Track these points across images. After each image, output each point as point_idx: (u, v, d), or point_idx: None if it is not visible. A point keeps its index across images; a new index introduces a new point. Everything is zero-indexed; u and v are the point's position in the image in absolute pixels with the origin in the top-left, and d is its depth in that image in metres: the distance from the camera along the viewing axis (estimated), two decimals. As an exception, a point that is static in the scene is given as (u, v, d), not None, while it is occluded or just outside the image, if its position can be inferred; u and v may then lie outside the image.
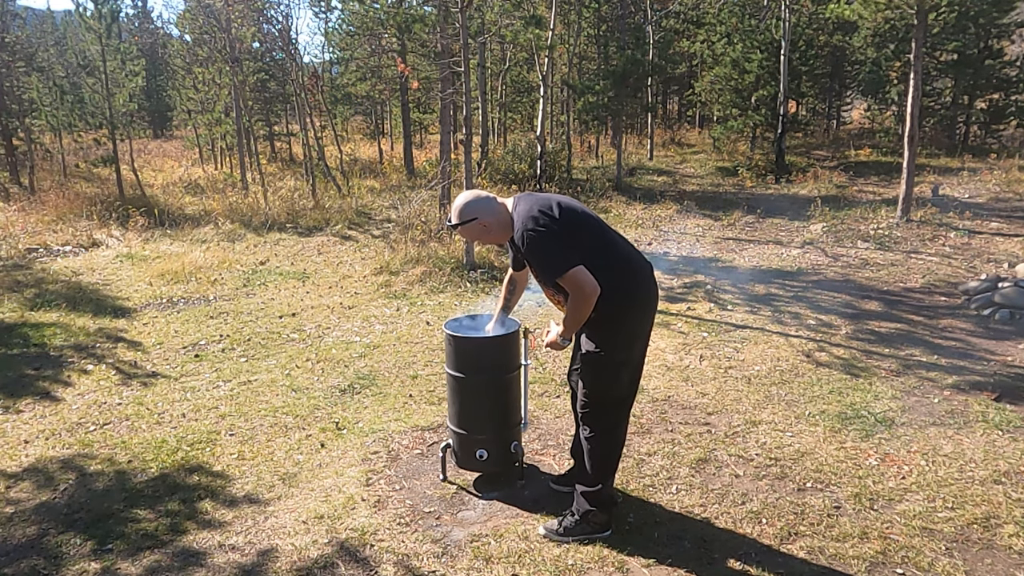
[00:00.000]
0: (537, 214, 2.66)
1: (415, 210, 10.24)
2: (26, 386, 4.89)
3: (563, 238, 2.65)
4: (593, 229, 2.78)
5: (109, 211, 11.07)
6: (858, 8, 9.12)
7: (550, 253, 2.65)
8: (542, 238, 2.64)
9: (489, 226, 2.77)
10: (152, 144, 24.76)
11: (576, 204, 2.82)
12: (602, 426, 2.89)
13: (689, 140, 20.70)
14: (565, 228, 2.67)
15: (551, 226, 2.64)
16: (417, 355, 5.30)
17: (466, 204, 2.77)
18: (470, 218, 2.76)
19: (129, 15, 32.10)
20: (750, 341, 5.44)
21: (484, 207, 2.78)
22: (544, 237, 2.64)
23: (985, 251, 7.94)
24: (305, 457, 3.76)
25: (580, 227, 2.72)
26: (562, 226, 2.66)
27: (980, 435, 3.80)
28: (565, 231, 2.67)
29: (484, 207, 2.78)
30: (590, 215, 2.81)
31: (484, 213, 2.77)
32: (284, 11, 30.28)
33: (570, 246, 2.65)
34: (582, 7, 15.58)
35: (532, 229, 2.63)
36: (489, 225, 2.76)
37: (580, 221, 2.74)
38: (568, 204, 2.76)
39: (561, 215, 2.69)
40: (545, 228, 2.64)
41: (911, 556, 2.78)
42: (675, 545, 2.89)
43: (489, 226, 2.77)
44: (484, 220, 2.76)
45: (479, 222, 2.76)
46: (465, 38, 7.48)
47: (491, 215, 2.77)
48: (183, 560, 2.89)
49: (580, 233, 2.70)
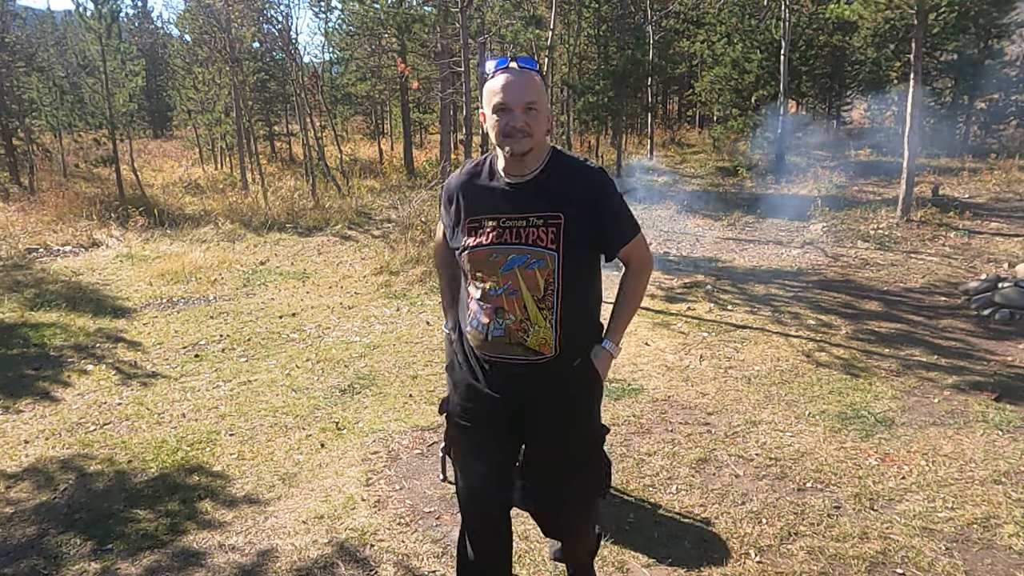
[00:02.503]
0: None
1: (415, 210, 10.24)
2: (26, 386, 4.89)
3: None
4: None
5: (109, 211, 11.06)
6: (858, 8, 9.11)
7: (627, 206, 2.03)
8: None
9: (547, 120, 1.94)
10: (152, 144, 24.76)
11: None
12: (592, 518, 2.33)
13: (689, 140, 20.70)
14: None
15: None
16: (417, 355, 5.30)
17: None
18: (543, 100, 1.93)
19: (129, 15, 32.07)
20: (750, 341, 5.44)
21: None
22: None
23: (985, 251, 7.94)
24: (305, 457, 3.76)
25: None
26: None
27: (980, 435, 3.80)
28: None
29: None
30: None
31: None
32: (284, 11, 30.27)
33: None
34: (582, 7, 15.58)
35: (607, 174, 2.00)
36: (548, 120, 1.95)
37: None
38: None
39: None
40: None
41: (911, 556, 2.78)
42: (675, 545, 2.89)
43: (547, 120, 1.94)
44: (548, 112, 1.96)
45: (547, 108, 1.95)
46: (465, 38, 7.48)
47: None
48: (183, 560, 2.88)
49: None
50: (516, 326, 1.94)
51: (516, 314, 1.94)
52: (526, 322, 1.94)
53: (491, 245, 1.94)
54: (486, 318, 1.97)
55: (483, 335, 1.99)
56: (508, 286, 1.93)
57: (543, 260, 1.91)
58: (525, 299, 1.93)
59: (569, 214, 1.91)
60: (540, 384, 2.02)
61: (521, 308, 1.94)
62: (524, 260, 1.92)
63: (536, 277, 1.91)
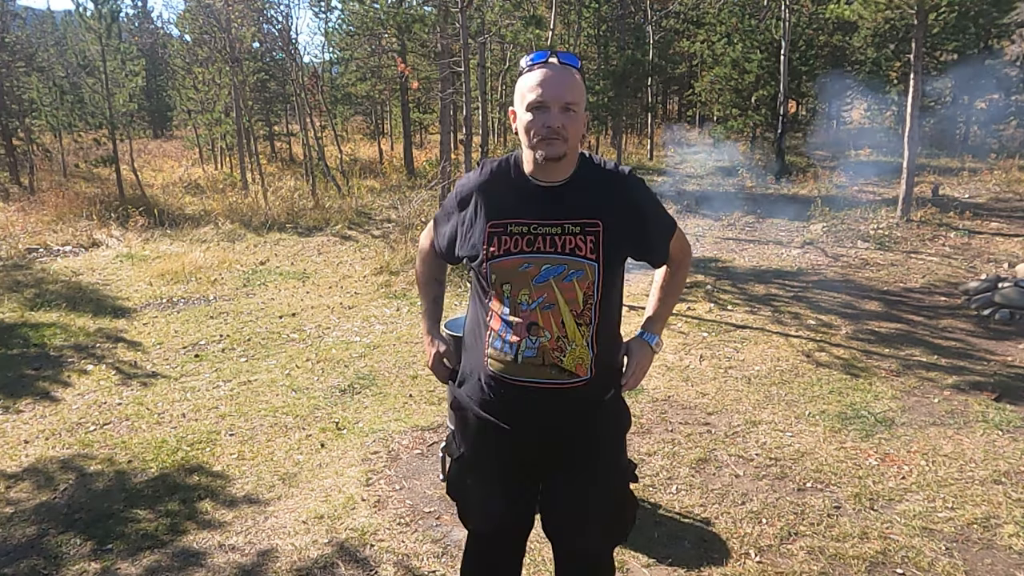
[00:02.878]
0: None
1: (415, 210, 10.24)
2: (26, 386, 4.89)
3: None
4: None
5: (109, 211, 11.07)
6: (858, 8, 9.11)
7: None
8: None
9: (583, 125, 1.79)
10: (152, 144, 24.76)
11: None
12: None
13: (689, 140, 20.69)
14: None
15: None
16: (417, 355, 5.30)
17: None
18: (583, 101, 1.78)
19: (129, 15, 32.08)
20: (750, 341, 5.44)
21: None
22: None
23: (985, 251, 7.94)
24: (305, 457, 3.76)
25: None
26: None
27: (980, 435, 3.80)
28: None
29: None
30: None
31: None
32: (284, 11, 30.30)
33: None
34: (582, 7, 15.58)
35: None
36: (583, 124, 1.79)
37: None
38: None
39: None
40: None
41: (911, 556, 2.78)
42: (675, 545, 2.89)
43: (583, 125, 1.79)
44: (584, 115, 1.80)
45: (584, 110, 1.79)
46: (465, 38, 7.48)
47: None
48: (183, 560, 2.88)
49: None
50: (552, 344, 1.75)
51: (552, 331, 1.74)
52: (563, 340, 1.75)
53: (522, 253, 1.74)
54: (515, 336, 1.76)
55: (511, 356, 1.77)
56: (544, 299, 1.74)
57: (582, 271, 1.73)
58: (563, 313, 1.74)
59: (607, 222, 1.76)
60: (570, 413, 1.83)
61: (559, 324, 1.74)
62: (560, 271, 1.73)
63: (575, 289, 1.74)
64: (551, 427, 1.84)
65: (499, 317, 1.79)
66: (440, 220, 1.99)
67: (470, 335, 1.95)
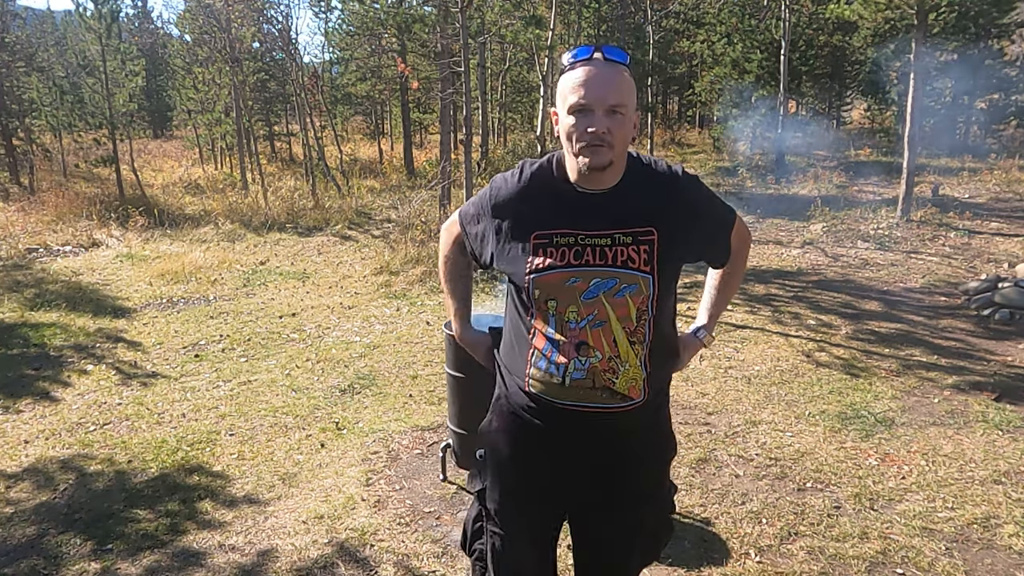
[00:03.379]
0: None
1: (415, 210, 10.24)
2: (26, 386, 4.89)
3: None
4: None
5: (109, 211, 11.07)
6: (858, 8, 9.11)
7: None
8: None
9: (634, 127, 1.62)
10: (152, 144, 24.77)
11: None
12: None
13: (689, 140, 20.71)
14: None
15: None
16: (417, 355, 5.30)
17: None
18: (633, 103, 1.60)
19: (129, 15, 32.09)
20: (750, 341, 5.44)
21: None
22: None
23: (985, 251, 7.94)
24: (305, 457, 3.76)
25: None
26: None
27: (980, 435, 3.80)
28: None
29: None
30: None
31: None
32: (284, 11, 30.30)
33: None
34: (582, 7, 15.58)
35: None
36: (634, 126, 1.62)
37: None
38: None
39: None
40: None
41: (911, 556, 2.78)
42: (675, 545, 2.88)
43: (634, 127, 1.62)
44: (635, 116, 1.63)
45: (635, 112, 1.63)
46: (465, 38, 7.48)
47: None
48: (183, 560, 2.88)
49: None
50: (603, 365, 1.60)
51: (604, 350, 1.60)
52: (615, 360, 1.60)
53: (568, 267, 1.59)
54: (563, 357, 1.61)
55: (558, 378, 1.62)
56: (594, 316, 1.59)
57: (635, 285, 1.58)
58: (615, 331, 1.59)
59: (662, 229, 1.61)
60: (619, 439, 1.69)
61: (610, 343, 1.59)
62: (612, 285, 1.58)
63: (627, 304, 1.59)
64: (598, 451, 1.71)
65: (543, 335, 1.64)
66: (468, 219, 1.81)
67: (507, 353, 1.78)
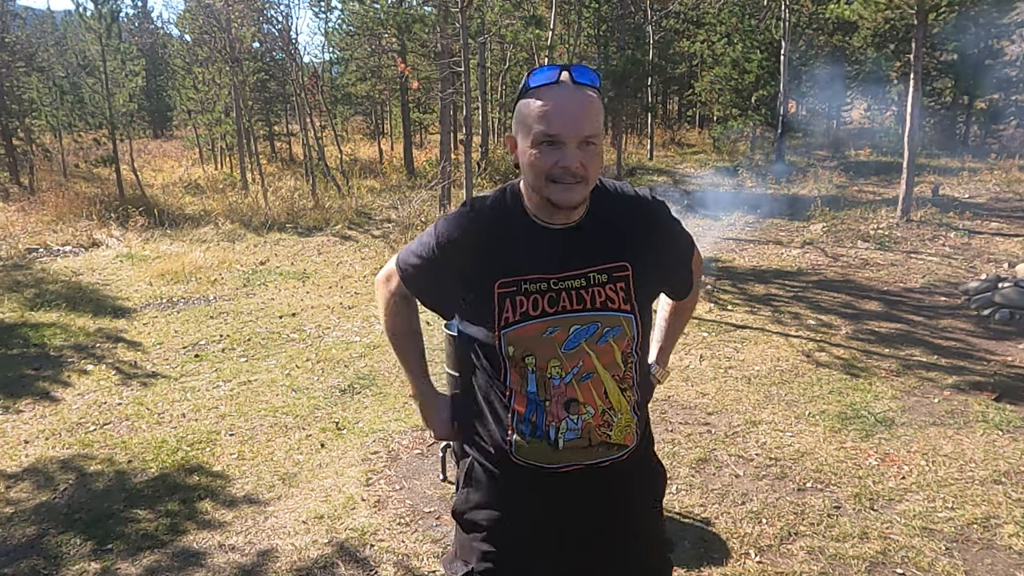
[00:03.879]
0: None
1: (415, 210, 10.25)
2: (26, 386, 4.89)
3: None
4: None
5: (109, 211, 11.07)
6: (858, 8, 9.11)
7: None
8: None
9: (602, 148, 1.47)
10: (152, 144, 24.77)
11: None
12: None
13: (689, 140, 20.72)
14: None
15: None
16: (417, 355, 5.30)
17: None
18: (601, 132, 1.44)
19: (129, 15, 32.10)
20: (750, 341, 5.44)
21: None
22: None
23: (985, 251, 7.94)
24: (305, 457, 3.76)
25: None
26: None
27: (980, 435, 3.80)
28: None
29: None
30: None
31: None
32: (284, 11, 30.31)
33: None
34: (582, 7, 15.58)
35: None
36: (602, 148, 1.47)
37: None
38: None
39: None
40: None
41: (911, 556, 2.78)
42: (675, 545, 2.88)
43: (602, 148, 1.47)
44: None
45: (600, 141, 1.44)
46: (465, 38, 7.48)
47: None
48: (183, 560, 2.89)
49: None
50: (597, 420, 1.44)
51: (596, 404, 1.43)
52: (609, 412, 1.45)
53: (544, 316, 1.41)
54: (551, 419, 1.43)
55: (549, 444, 1.44)
56: (579, 368, 1.42)
57: (618, 327, 1.43)
58: (605, 382, 1.44)
59: (636, 263, 1.46)
60: (615, 486, 1.53)
61: (602, 395, 1.44)
62: (593, 331, 1.42)
63: (612, 350, 1.43)
64: (594, 506, 1.54)
65: (524, 396, 1.44)
66: (412, 269, 1.57)
67: (479, 421, 1.56)
